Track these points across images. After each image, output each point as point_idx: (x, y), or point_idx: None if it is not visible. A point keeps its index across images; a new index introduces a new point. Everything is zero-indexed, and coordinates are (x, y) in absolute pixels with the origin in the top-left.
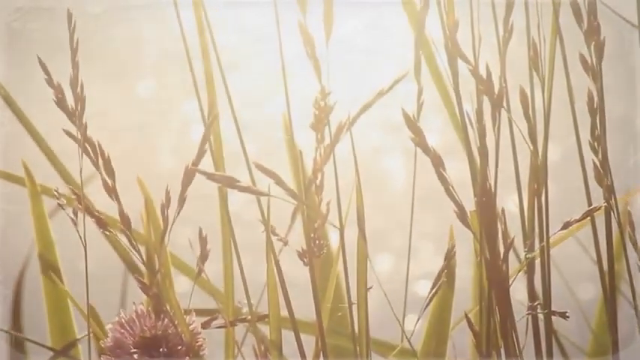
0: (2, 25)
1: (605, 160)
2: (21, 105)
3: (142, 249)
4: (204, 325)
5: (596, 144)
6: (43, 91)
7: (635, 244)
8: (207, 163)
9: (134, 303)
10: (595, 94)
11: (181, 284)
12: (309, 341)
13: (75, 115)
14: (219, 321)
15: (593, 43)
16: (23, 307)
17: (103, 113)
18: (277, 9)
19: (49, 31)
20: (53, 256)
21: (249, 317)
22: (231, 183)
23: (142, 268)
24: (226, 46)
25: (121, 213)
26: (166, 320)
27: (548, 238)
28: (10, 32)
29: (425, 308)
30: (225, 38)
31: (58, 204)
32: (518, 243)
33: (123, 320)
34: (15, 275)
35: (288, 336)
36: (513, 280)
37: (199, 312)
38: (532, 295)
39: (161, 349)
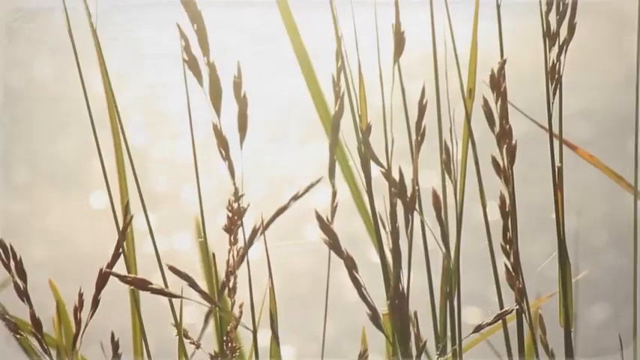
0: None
1: (516, 263)
2: None
3: (54, 352)
4: None
5: (508, 247)
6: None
7: (546, 347)
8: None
9: None
10: (507, 197)
11: None
12: None
13: None
14: None
15: (505, 146)
16: None
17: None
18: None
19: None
20: None
21: None
22: (144, 285)
23: None
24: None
25: (32, 316)
26: None
27: (460, 341)
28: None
29: None
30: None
31: None
32: (431, 346)
33: None
34: None
35: None
36: None
37: None
38: None
39: None
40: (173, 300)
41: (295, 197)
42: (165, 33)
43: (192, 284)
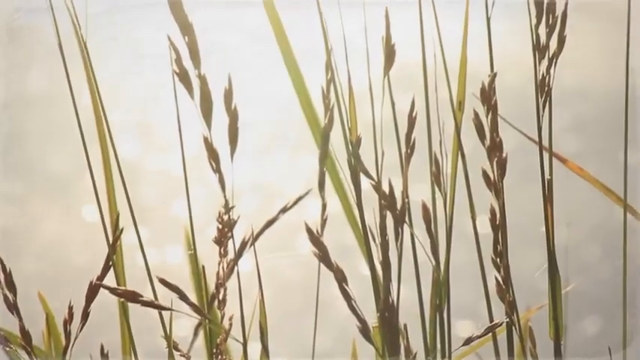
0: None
1: (507, 276)
2: None
3: None
4: None
5: (498, 260)
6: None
7: (536, 359)
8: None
9: None
10: (497, 210)
11: None
12: None
13: None
14: None
15: (496, 159)
16: None
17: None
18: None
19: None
20: None
21: None
22: (134, 297)
23: None
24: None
25: (22, 329)
26: None
27: (450, 353)
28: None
29: None
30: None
31: None
32: (421, 358)
33: None
34: None
35: None
36: None
37: None
38: None
39: None
40: (163, 312)
41: (284, 209)
42: (165, 33)
43: (182, 296)
